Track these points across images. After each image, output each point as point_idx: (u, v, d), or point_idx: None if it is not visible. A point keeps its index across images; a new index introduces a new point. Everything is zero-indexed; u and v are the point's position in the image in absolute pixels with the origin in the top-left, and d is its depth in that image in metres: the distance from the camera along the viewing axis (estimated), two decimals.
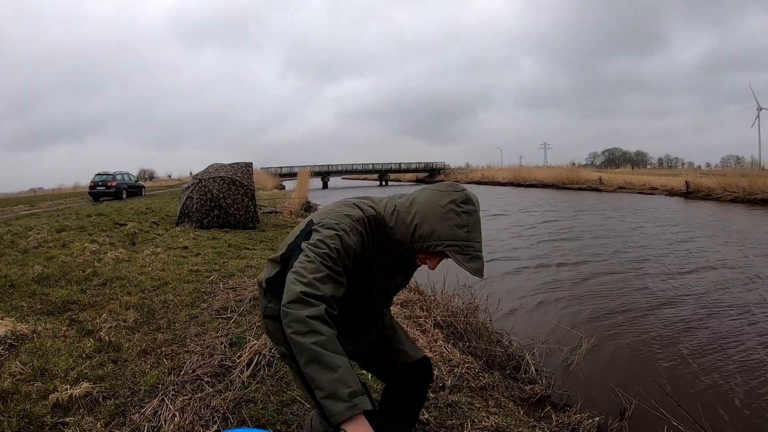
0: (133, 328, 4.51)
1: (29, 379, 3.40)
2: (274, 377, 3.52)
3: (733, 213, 21.15)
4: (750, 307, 7.14)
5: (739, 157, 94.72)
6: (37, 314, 4.90)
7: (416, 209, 1.76)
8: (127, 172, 31.06)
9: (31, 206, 24.08)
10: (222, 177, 12.59)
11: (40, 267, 6.75)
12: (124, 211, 16.67)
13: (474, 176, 65.65)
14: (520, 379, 4.38)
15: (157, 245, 9.30)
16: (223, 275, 6.80)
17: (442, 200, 1.73)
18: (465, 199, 1.74)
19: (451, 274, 6.28)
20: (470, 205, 1.74)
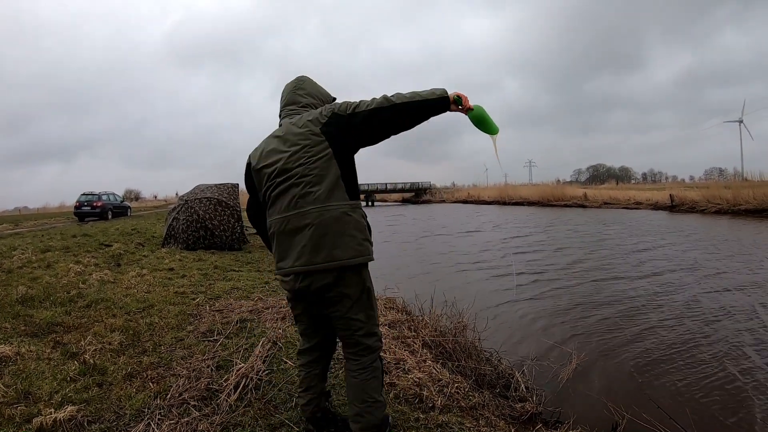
0: (118, 351, 4.46)
1: (12, 402, 3.35)
2: (261, 400, 3.48)
3: (718, 225, 21.33)
4: (742, 318, 7.17)
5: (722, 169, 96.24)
6: (20, 336, 4.83)
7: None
8: (112, 192, 30.89)
9: (15, 225, 23.86)
10: (208, 198, 12.57)
11: (24, 288, 6.66)
12: (109, 231, 16.55)
13: (460, 195, 65.90)
14: (511, 397, 4.35)
15: (143, 267, 9.23)
16: (209, 297, 6.75)
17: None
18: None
19: (439, 294, 6.30)
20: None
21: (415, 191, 76.14)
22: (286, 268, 2.57)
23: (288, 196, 2.55)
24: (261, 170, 2.67)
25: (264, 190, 2.68)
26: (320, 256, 2.48)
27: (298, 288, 2.56)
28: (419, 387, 3.76)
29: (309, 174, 2.53)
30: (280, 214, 2.57)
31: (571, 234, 19.87)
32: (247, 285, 7.69)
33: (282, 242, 2.58)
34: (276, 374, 3.94)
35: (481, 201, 55.44)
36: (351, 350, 2.69)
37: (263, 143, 2.74)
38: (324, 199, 2.51)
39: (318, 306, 2.66)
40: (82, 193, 28.17)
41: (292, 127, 2.65)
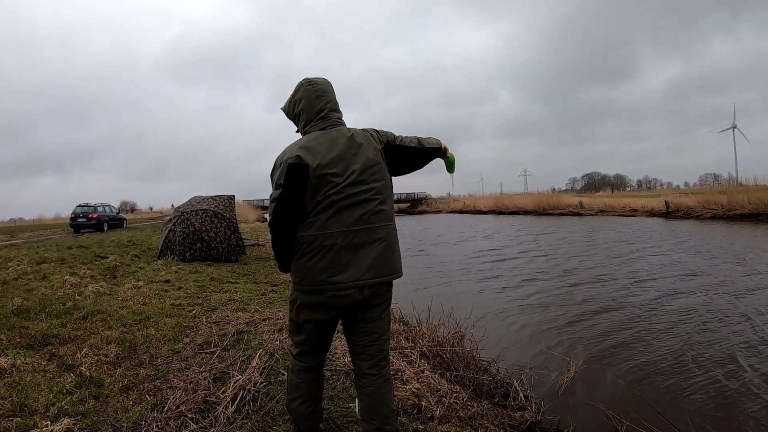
0: (114, 363, 4.43)
1: (8, 414, 3.32)
2: (259, 412, 3.47)
3: (713, 230, 21.41)
4: (738, 324, 7.17)
5: (716, 174, 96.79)
6: (16, 348, 4.79)
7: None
8: (108, 204, 30.86)
9: (10, 237, 23.84)
10: (204, 210, 12.55)
11: (19, 299, 6.63)
12: (105, 243, 16.51)
13: (456, 205, 65.98)
14: (510, 407, 4.34)
15: (139, 279, 9.20)
16: (205, 309, 6.72)
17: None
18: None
19: (436, 304, 6.29)
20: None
21: (411, 202, 76.25)
22: (349, 281, 2.54)
23: (360, 210, 2.58)
24: (325, 176, 2.54)
25: (322, 197, 2.54)
26: (387, 268, 2.66)
27: (360, 299, 2.60)
28: (418, 397, 3.75)
29: (382, 192, 2.69)
30: (346, 227, 2.55)
31: (567, 242, 19.91)
32: (243, 297, 7.66)
33: (343, 255, 2.55)
34: (274, 386, 3.92)
35: (477, 211, 55.55)
36: (372, 362, 2.75)
37: (318, 145, 2.60)
38: (391, 217, 2.75)
39: (354, 314, 2.70)
40: (77, 205, 28.12)
41: (353, 137, 2.66)
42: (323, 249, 2.53)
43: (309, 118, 2.73)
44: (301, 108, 2.76)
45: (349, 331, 2.77)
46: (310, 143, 2.59)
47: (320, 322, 2.69)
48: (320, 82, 2.77)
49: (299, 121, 2.80)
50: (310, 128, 2.72)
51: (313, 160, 2.53)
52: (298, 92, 2.78)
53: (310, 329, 2.72)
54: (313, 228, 2.54)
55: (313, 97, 2.73)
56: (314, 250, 2.54)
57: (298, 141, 2.67)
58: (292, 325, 2.80)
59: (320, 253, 2.54)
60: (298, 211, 2.57)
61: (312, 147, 2.57)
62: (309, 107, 2.73)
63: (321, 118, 2.72)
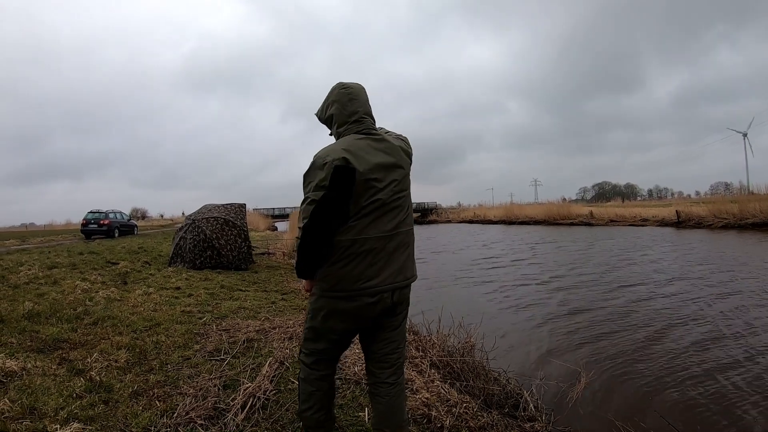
0: (124, 369, 4.44)
1: (18, 417, 3.33)
2: (269, 420, 3.46)
3: (725, 240, 21.25)
4: (755, 337, 7.08)
5: (728, 183, 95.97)
6: (26, 351, 4.82)
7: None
8: (119, 210, 31.01)
9: (22, 241, 23.95)
10: (215, 218, 12.60)
11: (30, 303, 6.67)
12: (116, 249, 16.58)
13: (466, 215, 65.90)
14: (519, 417, 4.30)
15: (150, 285, 9.23)
16: (216, 317, 6.73)
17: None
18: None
19: (446, 313, 6.26)
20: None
21: (421, 211, 76.15)
22: (384, 285, 2.56)
23: (397, 217, 2.64)
24: (369, 181, 2.52)
25: (366, 202, 2.52)
26: (410, 270, 2.73)
27: (389, 305, 2.62)
28: (428, 407, 3.73)
29: (409, 200, 2.79)
30: (383, 233, 2.56)
31: (577, 252, 19.79)
32: (253, 305, 7.67)
33: (378, 260, 2.56)
34: (283, 394, 3.92)
35: (487, 220, 55.44)
36: (391, 370, 2.77)
37: (360, 149, 2.55)
38: (413, 222, 2.82)
39: (380, 321, 2.70)
40: (89, 211, 28.19)
41: (392, 144, 2.68)
42: (360, 254, 2.51)
43: (342, 120, 2.70)
44: (333, 111, 2.73)
45: (370, 339, 2.76)
46: (351, 147, 2.53)
47: (346, 332, 2.69)
48: (354, 87, 2.75)
49: (332, 124, 2.77)
50: (345, 131, 2.68)
51: (359, 164, 2.48)
52: (331, 95, 2.75)
53: (334, 339, 2.69)
54: (352, 233, 2.50)
55: (346, 101, 2.69)
56: (351, 255, 2.50)
57: (339, 143, 2.59)
58: (311, 333, 2.72)
59: (357, 259, 2.51)
60: (339, 215, 2.48)
61: (354, 151, 2.52)
62: (342, 110, 2.70)
63: (355, 121, 2.69)
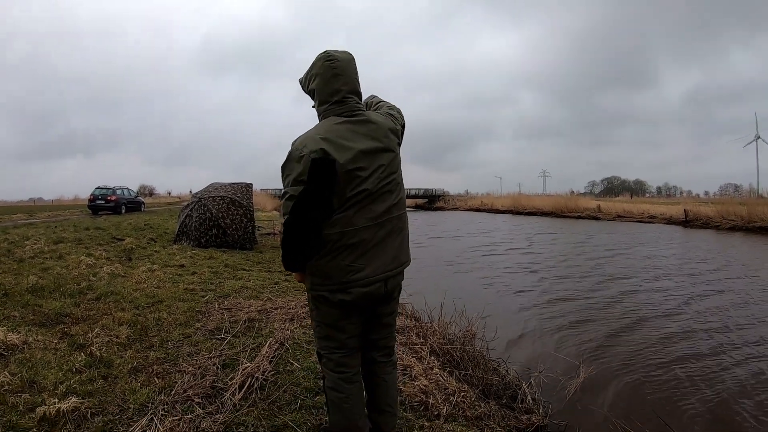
0: (125, 345, 4.46)
1: (17, 390, 3.35)
2: (266, 401, 3.46)
3: (732, 241, 21.16)
4: (754, 337, 7.08)
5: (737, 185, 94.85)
6: (29, 325, 4.84)
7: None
8: (127, 187, 31.02)
9: (29, 216, 24.10)
10: (222, 197, 12.59)
11: (34, 277, 6.70)
12: (122, 226, 16.64)
13: (473, 203, 65.66)
14: (517, 409, 4.29)
15: (154, 262, 9.27)
16: (218, 295, 6.75)
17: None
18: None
19: (449, 301, 6.25)
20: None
21: (428, 198, 75.94)
22: (376, 274, 2.47)
23: (385, 203, 2.49)
24: (352, 171, 2.37)
25: (351, 193, 2.38)
26: (404, 256, 2.63)
27: (383, 293, 2.54)
28: (425, 394, 3.73)
29: (399, 181, 2.60)
30: (372, 221, 2.43)
31: (584, 246, 19.75)
32: (256, 285, 7.68)
33: (369, 249, 2.45)
34: (282, 375, 3.92)
35: (494, 210, 55.16)
36: (384, 351, 2.76)
37: (341, 137, 2.39)
38: (405, 204, 2.68)
39: (375, 310, 2.64)
40: (96, 187, 28.26)
41: (378, 125, 2.52)
42: (350, 246, 2.40)
43: (323, 98, 2.51)
44: (315, 86, 2.53)
45: (367, 327, 2.68)
46: (330, 134, 2.38)
47: (351, 322, 2.57)
48: (340, 59, 2.51)
49: (314, 99, 2.59)
50: (325, 112, 2.51)
51: (339, 155, 2.33)
52: (315, 67, 2.53)
53: (342, 328, 2.57)
54: (339, 225, 2.38)
55: (329, 76, 2.48)
56: (340, 248, 2.40)
57: (317, 130, 2.43)
58: (321, 330, 2.61)
59: (347, 251, 2.40)
60: (322, 209, 2.36)
61: (334, 139, 2.36)
62: (323, 87, 2.50)
63: (337, 102, 2.48)
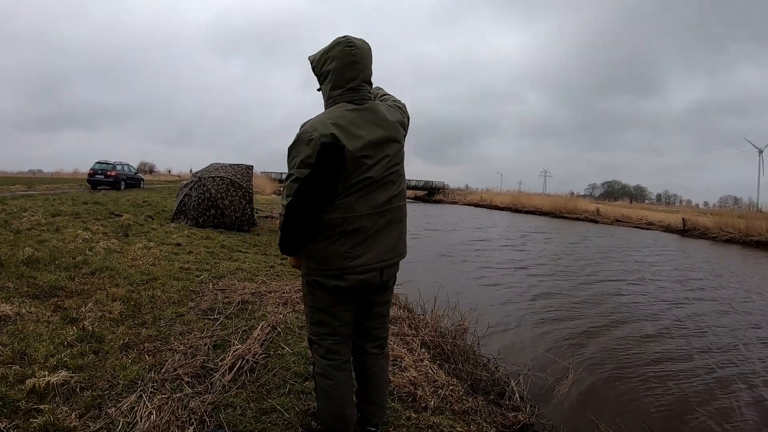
0: (117, 321, 4.46)
1: (8, 361, 3.35)
2: (255, 383, 3.47)
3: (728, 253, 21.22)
4: (741, 344, 7.18)
5: (737, 198, 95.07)
6: (22, 296, 4.85)
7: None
8: (127, 163, 30.96)
9: (28, 187, 24.07)
10: (222, 177, 12.55)
11: (30, 249, 6.70)
12: (120, 201, 16.63)
13: (473, 198, 65.54)
14: (504, 406, 4.31)
15: (150, 239, 9.26)
16: (213, 276, 6.75)
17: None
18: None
19: (442, 294, 6.27)
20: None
21: (428, 190, 75.70)
22: (372, 263, 2.47)
23: (388, 193, 2.49)
24: (360, 158, 2.36)
25: (356, 180, 2.38)
26: (401, 247, 2.64)
27: (380, 281, 2.53)
28: (414, 386, 3.74)
29: (402, 174, 2.60)
30: (373, 209, 2.43)
31: (581, 249, 19.78)
32: (252, 267, 7.68)
33: (368, 238, 2.44)
34: (272, 359, 3.93)
35: (494, 206, 55.07)
36: (378, 341, 2.77)
37: (351, 124, 2.38)
38: (405, 196, 2.66)
39: (370, 299, 2.64)
40: (96, 161, 28.14)
41: (387, 116, 2.51)
42: (350, 232, 2.40)
43: (338, 84, 2.47)
44: (331, 68, 2.47)
45: (360, 316, 2.67)
46: (342, 120, 2.36)
47: (344, 309, 2.57)
48: (360, 46, 2.47)
49: (325, 81, 2.53)
50: (338, 98, 2.47)
51: (349, 141, 2.33)
52: (333, 50, 2.46)
53: (335, 314, 2.57)
54: (340, 210, 2.38)
55: (348, 62, 2.44)
56: (340, 234, 2.40)
57: (328, 114, 2.41)
58: (314, 315, 2.61)
59: (346, 236, 2.40)
60: (326, 193, 2.35)
61: (345, 125, 2.35)
62: (340, 72, 2.46)
63: (351, 89, 2.46)
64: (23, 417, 2.71)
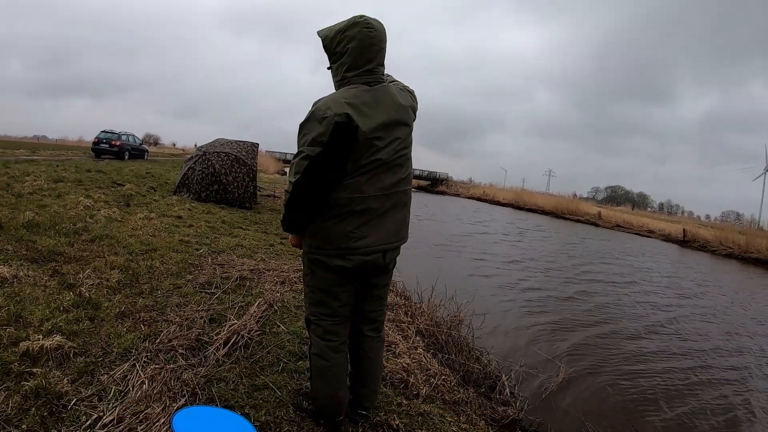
0: (114, 289, 4.45)
1: (2, 323, 3.34)
2: (249, 359, 3.47)
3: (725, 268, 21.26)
4: (728, 352, 7.26)
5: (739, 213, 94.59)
6: (20, 260, 4.83)
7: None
8: (132, 133, 30.76)
9: (32, 152, 24.05)
10: (227, 153, 12.52)
11: (31, 213, 6.68)
12: (123, 171, 16.62)
13: (475, 192, 65.48)
14: (494, 399, 4.33)
15: (152, 210, 9.25)
16: (212, 250, 6.74)
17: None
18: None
19: (440, 284, 6.27)
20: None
21: (431, 180, 75.66)
22: (376, 245, 2.46)
23: (396, 176, 2.49)
24: (372, 140, 2.34)
25: (366, 161, 2.36)
26: (404, 231, 2.64)
27: (382, 264, 2.54)
28: (407, 373, 3.74)
29: (410, 158, 2.60)
30: (381, 191, 2.42)
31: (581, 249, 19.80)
32: (252, 244, 7.68)
33: (373, 219, 2.44)
34: (267, 336, 3.93)
35: (496, 201, 54.95)
36: (375, 324, 2.78)
37: (365, 105, 2.34)
38: (412, 182, 2.66)
39: (370, 281, 2.64)
40: (102, 130, 27.99)
41: (400, 99, 2.48)
42: (356, 213, 2.39)
43: (355, 65, 2.41)
44: (349, 49, 2.40)
45: (359, 298, 2.67)
46: (356, 100, 2.32)
47: (345, 290, 2.56)
48: (378, 28, 2.41)
49: (339, 62, 2.46)
50: (354, 78, 2.41)
51: (362, 122, 2.29)
52: (352, 30, 2.38)
53: (335, 294, 2.55)
54: (347, 190, 2.36)
55: (366, 44, 2.39)
56: (347, 213, 2.39)
57: (343, 94, 2.36)
58: (314, 294, 2.60)
59: (352, 217, 2.39)
60: (336, 172, 2.34)
61: (359, 105, 2.31)
62: (359, 54, 2.39)
63: (367, 70, 2.42)
64: (15, 379, 2.70)
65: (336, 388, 2.63)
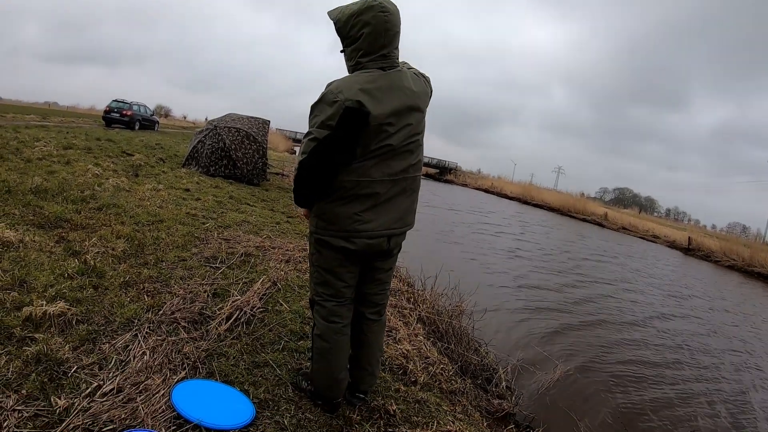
0: (120, 258, 4.46)
1: (6, 287, 3.36)
2: (250, 336, 3.48)
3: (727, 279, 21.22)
4: (721, 357, 7.30)
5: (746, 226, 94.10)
6: (27, 225, 4.85)
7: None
8: (144, 104, 30.68)
9: (42, 118, 24.07)
10: (237, 129, 12.48)
11: (39, 179, 6.70)
12: (133, 141, 16.63)
13: (483, 183, 65.17)
14: (490, 392, 4.35)
15: (160, 182, 9.26)
16: (219, 225, 6.74)
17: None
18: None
19: (444, 274, 6.26)
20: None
21: (440, 168, 75.31)
22: (380, 229, 2.47)
23: (405, 162, 2.47)
24: (382, 125, 2.32)
25: (375, 146, 2.35)
26: (410, 217, 2.63)
27: (386, 248, 2.54)
28: (406, 359, 3.76)
29: (422, 144, 2.57)
30: (388, 177, 2.42)
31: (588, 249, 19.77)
32: (258, 221, 7.68)
33: (379, 203, 2.44)
34: (269, 314, 3.93)
35: (503, 194, 54.63)
36: (377, 308, 2.78)
37: (379, 90, 2.32)
38: (421, 168, 2.64)
39: (373, 264, 2.65)
40: (113, 99, 27.93)
41: (413, 85, 2.45)
42: (362, 196, 2.39)
43: (370, 50, 2.36)
44: (363, 34, 2.34)
45: (361, 280, 2.67)
46: (370, 85, 2.30)
47: (349, 271, 2.57)
48: (393, 12, 2.35)
49: (353, 47, 2.40)
50: (368, 63, 2.37)
51: (374, 107, 2.27)
52: (366, 14, 2.31)
53: (340, 275, 2.57)
54: (355, 174, 2.36)
55: (382, 29, 2.32)
56: (352, 197, 2.39)
57: (357, 78, 2.33)
58: (319, 274, 2.61)
59: (358, 200, 2.40)
60: (343, 155, 2.33)
61: (372, 91, 2.29)
62: (374, 39, 2.33)
63: (382, 55, 2.37)
64: (17, 344, 2.71)
65: (336, 370, 2.64)
